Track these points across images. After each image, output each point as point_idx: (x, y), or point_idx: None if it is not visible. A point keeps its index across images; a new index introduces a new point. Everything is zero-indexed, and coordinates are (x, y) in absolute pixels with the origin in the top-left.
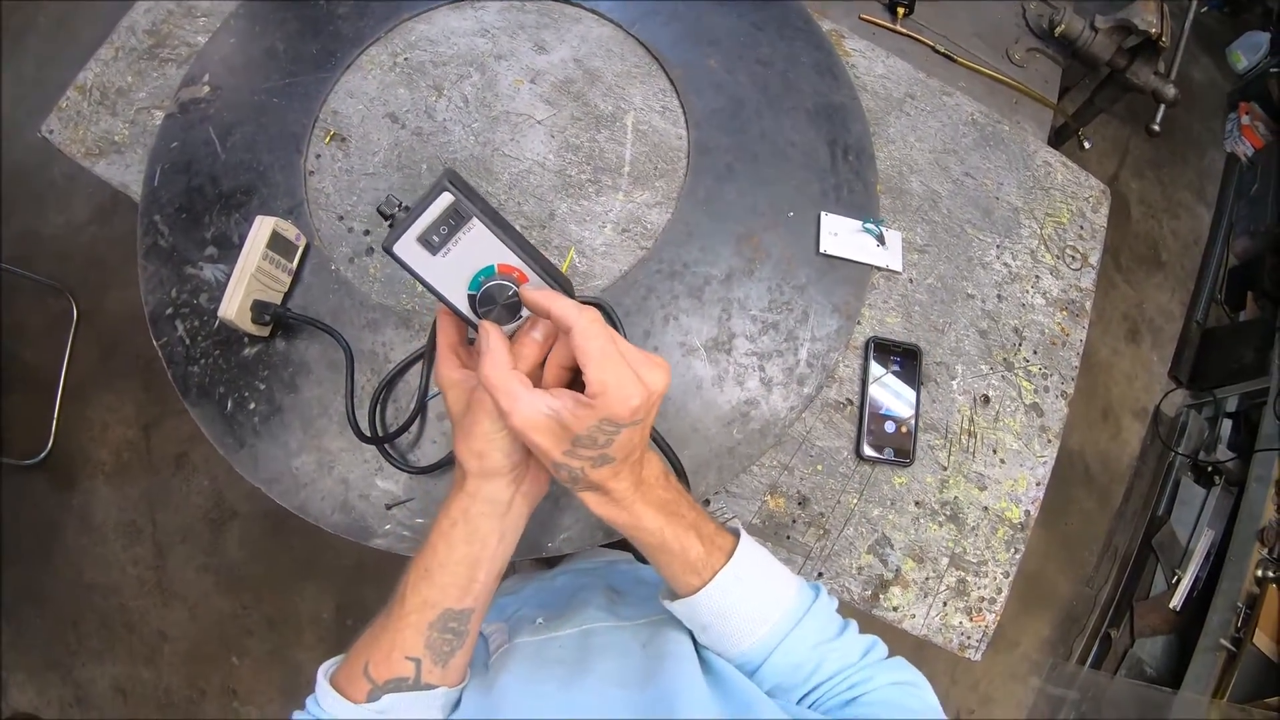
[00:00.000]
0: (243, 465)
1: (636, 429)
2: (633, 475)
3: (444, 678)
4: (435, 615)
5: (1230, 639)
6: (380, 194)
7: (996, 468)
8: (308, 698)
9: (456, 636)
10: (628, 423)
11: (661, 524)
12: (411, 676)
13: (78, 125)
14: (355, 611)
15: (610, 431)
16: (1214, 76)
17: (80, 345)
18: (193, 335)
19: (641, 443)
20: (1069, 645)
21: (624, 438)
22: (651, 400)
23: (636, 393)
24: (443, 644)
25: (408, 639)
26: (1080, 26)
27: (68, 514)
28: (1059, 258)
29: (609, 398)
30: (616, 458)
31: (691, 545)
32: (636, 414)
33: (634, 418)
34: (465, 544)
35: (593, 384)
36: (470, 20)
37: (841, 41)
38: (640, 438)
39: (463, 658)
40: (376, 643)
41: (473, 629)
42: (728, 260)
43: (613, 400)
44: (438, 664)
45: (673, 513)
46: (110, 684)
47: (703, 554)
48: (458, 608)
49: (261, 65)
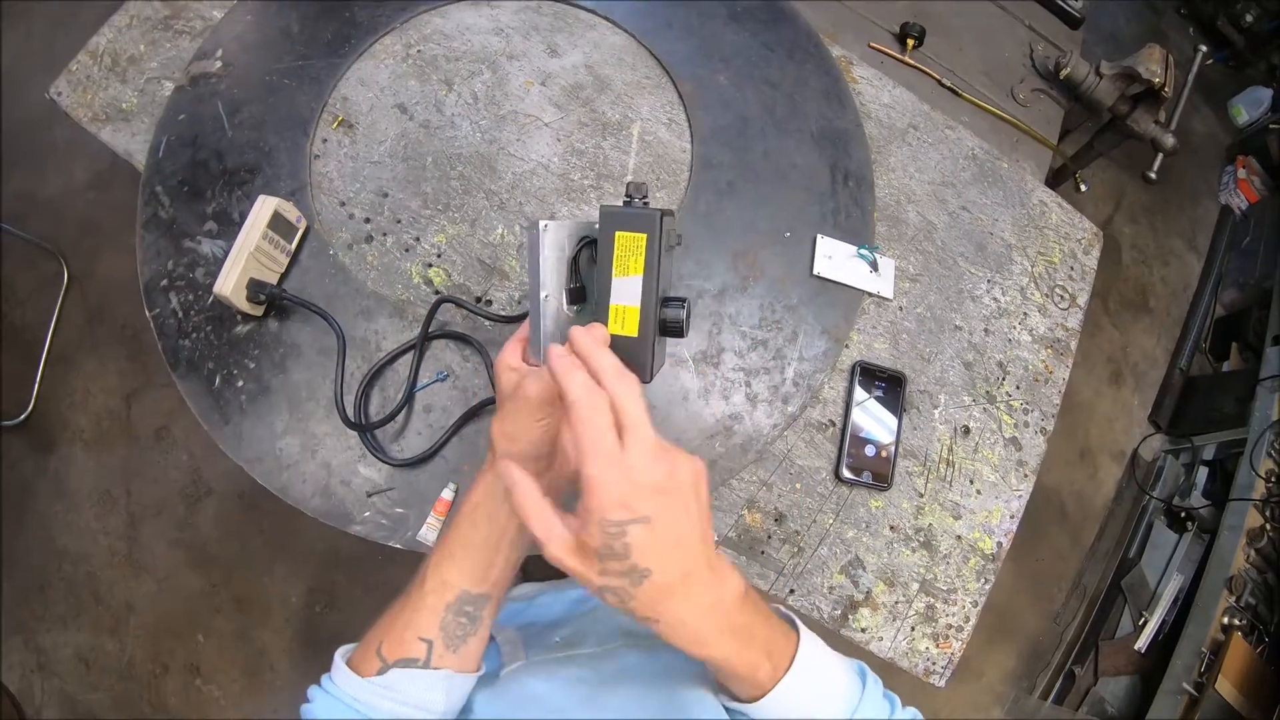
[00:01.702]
0: (226, 442)
1: (649, 529)
2: (696, 602)
3: (455, 663)
4: (453, 597)
5: (1193, 684)
6: (384, 183)
7: (972, 498)
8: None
9: (471, 621)
10: (625, 519)
11: (733, 651)
12: (423, 658)
13: (86, 90)
14: (324, 597)
15: (616, 534)
16: (1214, 128)
17: (68, 309)
18: (186, 309)
19: (681, 549)
20: (1033, 679)
21: (638, 540)
22: (642, 491)
23: (618, 483)
24: (456, 627)
25: (423, 619)
26: (1085, 71)
27: (43, 478)
28: (1048, 296)
29: (592, 494)
30: (651, 569)
31: (761, 667)
32: (630, 508)
33: (631, 513)
34: (487, 524)
35: (581, 479)
36: (486, 18)
37: (850, 68)
38: (671, 540)
39: (476, 645)
40: (392, 623)
41: (487, 617)
42: (722, 275)
43: (597, 496)
44: (450, 648)
45: (746, 638)
46: (73, 652)
47: (769, 672)
48: (475, 591)
49: (275, 45)
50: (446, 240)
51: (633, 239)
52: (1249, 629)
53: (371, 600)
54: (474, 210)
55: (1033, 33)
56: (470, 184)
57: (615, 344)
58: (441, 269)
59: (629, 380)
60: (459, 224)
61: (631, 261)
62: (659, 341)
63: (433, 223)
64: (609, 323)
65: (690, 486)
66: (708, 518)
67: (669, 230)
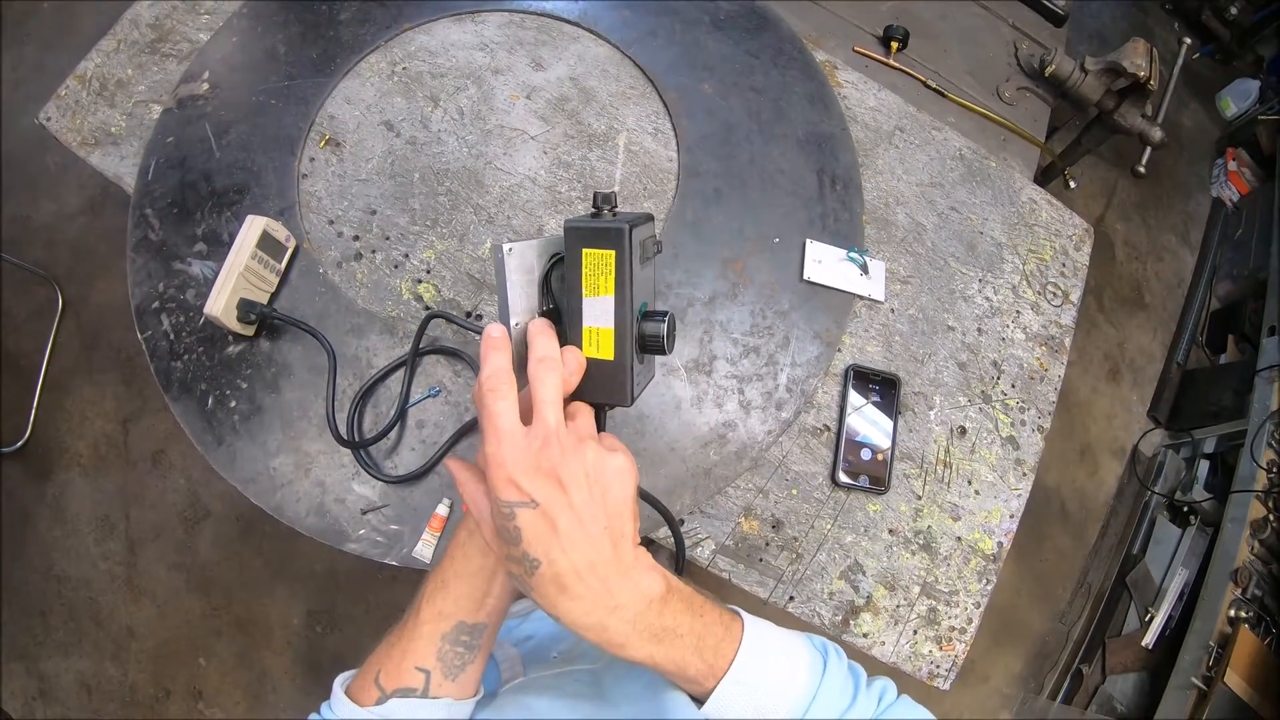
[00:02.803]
0: (220, 463)
1: (535, 516)
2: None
3: (454, 691)
4: (449, 627)
5: (1202, 678)
6: (372, 200)
7: (971, 499)
8: (322, 704)
9: (468, 650)
10: (514, 500)
11: (655, 652)
12: (420, 688)
13: (75, 114)
14: (325, 618)
15: (506, 515)
16: (1203, 122)
17: (63, 335)
18: (177, 330)
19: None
20: (1040, 680)
21: (526, 525)
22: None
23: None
24: (454, 657)
25: (420, 649)
26: (1070, 68)
27: (41, 504)
28: (1040, 294)
29: (488, 470)
30: (540, 560)
31: (690, 664)
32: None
33: (515, 493)
34: (480, 555)
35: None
36: (470, 34)
37: (834, 73)
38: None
39: (474, 671)
40: (389, 652)
41: (485, 644)
42: (712, 283)
43: (490, 472)
44: (448, 677)
45: (669, 640)
46: (75, 678)
47: (704, 670)
48: (471, 621)
49: (261, 66)
50: (435, 256)
51: (601, 256)
52: (1256, 621)
53: (373, 620)
54: (462, 225)
55: (1017, 31)
56: (458, 199)
57: (591, 368)
58: (431, 284)
59: (548, 364)
60: (447, 239)
61: (602, 281)
62: (643, 360)
63: (421, 239)
64: (583, 345)
65: (592, 479)
66: (622, 515)
67: (645, 240)
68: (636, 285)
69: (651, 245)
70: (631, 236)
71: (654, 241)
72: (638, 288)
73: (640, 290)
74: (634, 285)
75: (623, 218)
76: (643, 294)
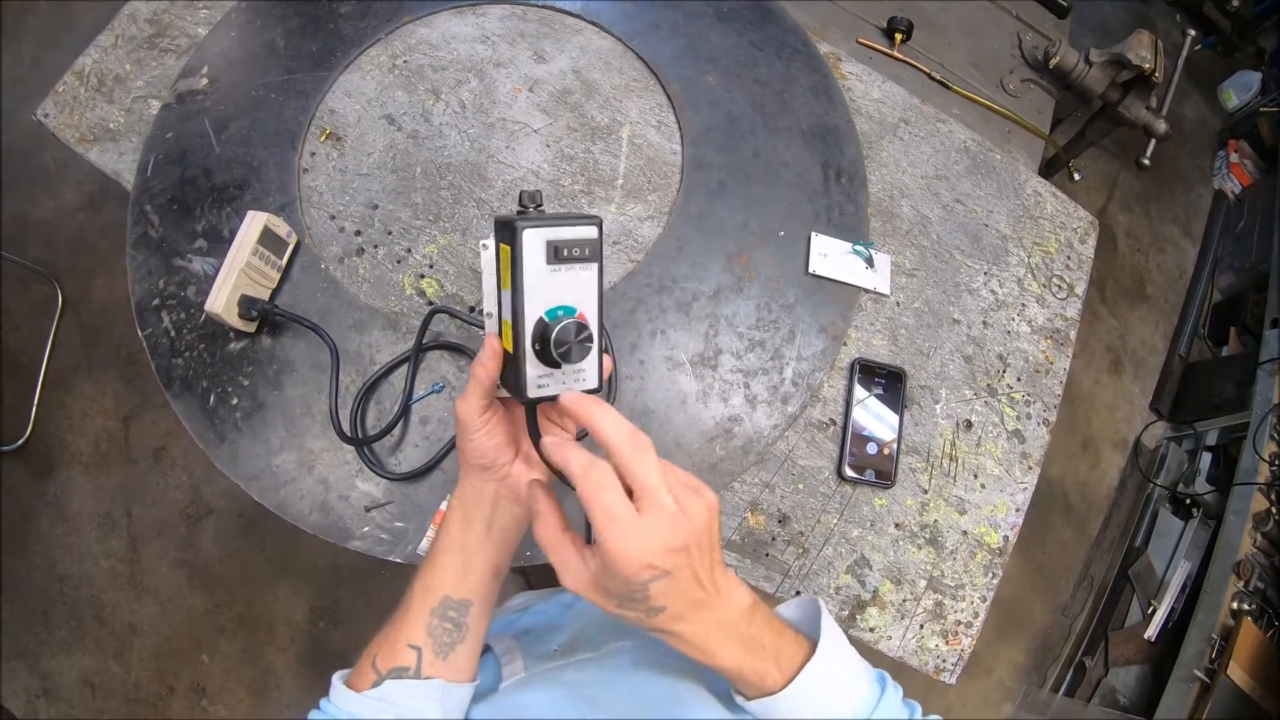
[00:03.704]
0: (222, 461)
1: (669, 580)
2: (705, 618)
3: (445, 671)
4: (436, 601)
5: (1204, 670)
6: (374, 194)
7: (977, 492)
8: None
9: (456, 627)
10: (647, 579)
11: (740, 659)
12: (413, 666)
13: (73, 110)
14: (328, 614)
15: (638, 589)
16: (1204, 114)
17: (64, 332)
18: (178, 327)
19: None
20: (1043, 673)
21: (659, 591)
22: (666, 552)
23: (640, 553)
24: (443, 633)
25: (411, 626)
26: (1075, 59)
27: (43, 502)
28: (1045, 286)
29: (615, 563)
30: (667, 606)
31: (769, 674)
32: (654, 568)
33: (650, 574)
34: (460, 530)
35: (598, 536)
36: (471, 26)
37: (839, 65)
38: (685, 584)
39: (465, 652)
40: (385, 635)
41: (473, 623)
42: (717, 277)
43: (620, 565)
44: (439, 655)
45: (754, 648)
46: (78, 676)
47: (778, 679)
48: (456, 596)
49: (261, 60)
50: (438, 250)
51: (505, 251)
52: (1258, 613)
53: (376, 615)
54: (465, 219)
55: (1020, 23)
56: (460, 193)
57: (506, 358)
58: (434, 280)
59: (638, 443)
60: (450, 234)
61: (505, 274)
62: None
63: (424, 233)
64: (502, 337)
65: (705, 529)
66: (718, 547)
67: (562, 241)
68: (535, 285)
69: (581, 249)
70: (523, 235)
71: (583, 244)
72: (537, 288)
73: (550, 293)
74: (527, 283)
75: (545, 217)
76: (561, 298)
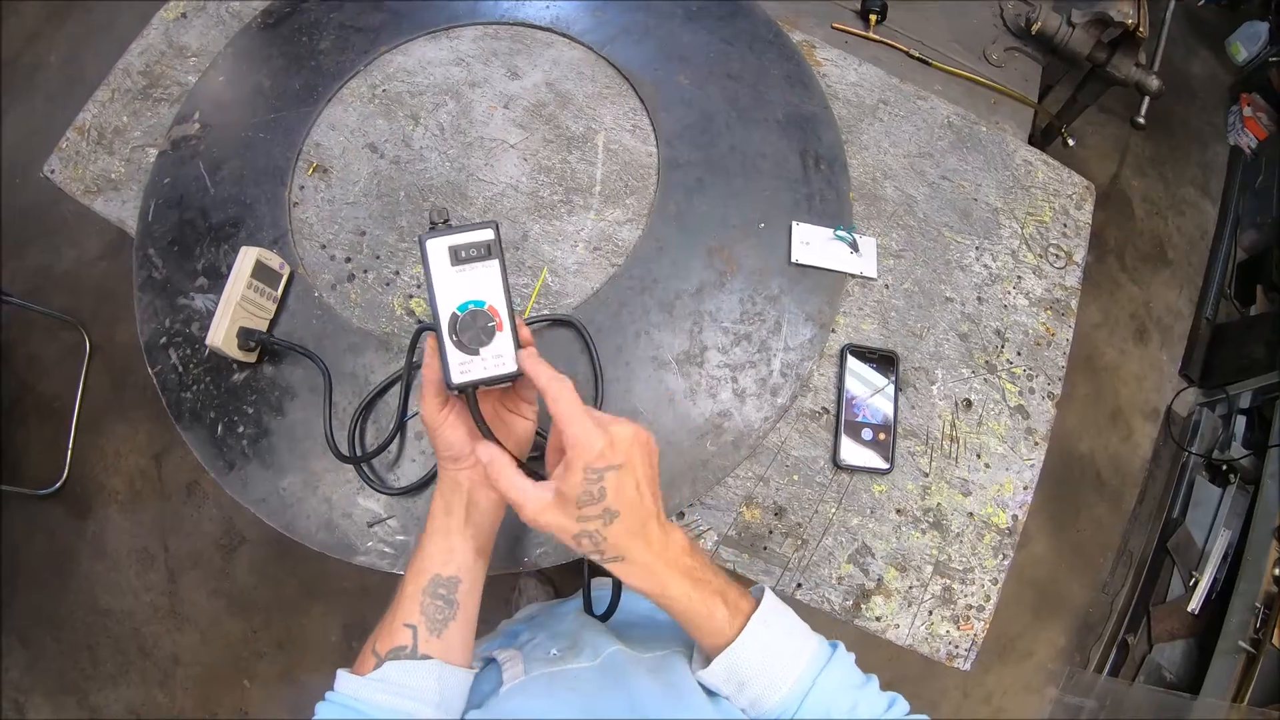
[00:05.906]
0: (233, 487)
1: (620, 474)
2: (653, 543)
3: (441, 650)
4: (426, 581)
5: (1249, 641)
6: (361, 221)
7: (981, 472)
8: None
9: (447, 604)
10: (604, 466)
11: (688, 589)
12: (409, 644)
13: (77, 164)
14: (360, 632)
15: (595, 479)
16: (1214, 69)
17: (93, 377)
18: (185, 363)
19: (641, 497)
20: (1085, 653)
21: (613, 484)
22: (617, 444)
23: (599, 436)
24: (435, 610)
25: (406, 608)
26: (1057, 23)
27: (82, 541)
28: (1042, 257)
29: (578, 446)
30: (620, 510)
31: (717, 609)
32: (607, 457)
33: (608, 460)
34: (442, 517)
35: (565, 438)
36: (446, 50)
37: (813, 52)
38: (634, 486)
39: (458, 631)
40: (382, 625)
41: (462, 599)
42: (699, 274)
43: (581, 447)
44: (433, 632)
45: (698, 579)
46: (125, 708)
47: (728, 616)
48: (444, 574)
49: (248, 102)
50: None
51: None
52: None
53: None
54: None
55: None
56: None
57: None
58: (421, 299)
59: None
60: None
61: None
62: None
63: (410, 255)
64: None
65: (644, 445)
66: (657, 478)
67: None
68: (444, 284)
69: (479, 249)
70: (426, 245)
71: (480, 246)
72: (446, 287)
73: (460, 290)
74: (436, 284)
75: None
76: (470, 293)
